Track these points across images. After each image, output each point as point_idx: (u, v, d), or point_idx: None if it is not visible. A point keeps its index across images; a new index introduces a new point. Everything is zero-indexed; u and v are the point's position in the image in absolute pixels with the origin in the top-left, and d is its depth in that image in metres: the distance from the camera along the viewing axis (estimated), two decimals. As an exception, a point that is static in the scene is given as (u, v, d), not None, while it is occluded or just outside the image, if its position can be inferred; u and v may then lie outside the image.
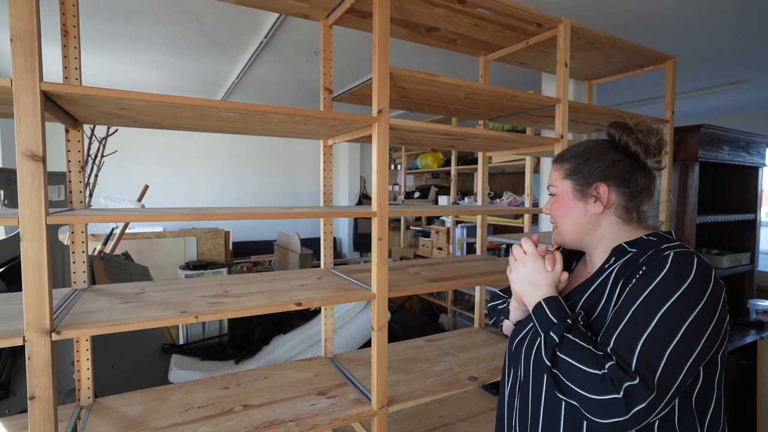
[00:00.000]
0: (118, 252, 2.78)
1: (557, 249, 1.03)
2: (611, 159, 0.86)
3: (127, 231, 3.27)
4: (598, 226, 0.87)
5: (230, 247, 4.43)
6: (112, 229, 2.59)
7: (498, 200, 3.82)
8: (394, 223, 5.62)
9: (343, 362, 1.57)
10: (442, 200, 4.61)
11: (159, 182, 5.26)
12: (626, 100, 4.33)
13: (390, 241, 5.55)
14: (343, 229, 6.39)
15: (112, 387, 1.81)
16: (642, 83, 3.49)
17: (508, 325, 1.03)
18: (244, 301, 1.12)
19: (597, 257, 0.89)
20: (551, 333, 0.76)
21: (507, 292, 1.09)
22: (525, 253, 0.88)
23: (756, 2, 2.13)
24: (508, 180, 4.74)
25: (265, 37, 2.67)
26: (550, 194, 0.96)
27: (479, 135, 1.43)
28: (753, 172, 2.65)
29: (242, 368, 2.39)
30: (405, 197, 5.06)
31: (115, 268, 2.31)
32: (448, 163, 4.68)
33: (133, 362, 2.21)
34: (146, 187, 2.90)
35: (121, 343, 2.12)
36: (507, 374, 0.96)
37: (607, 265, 0.85)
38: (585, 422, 0.76)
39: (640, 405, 0.65)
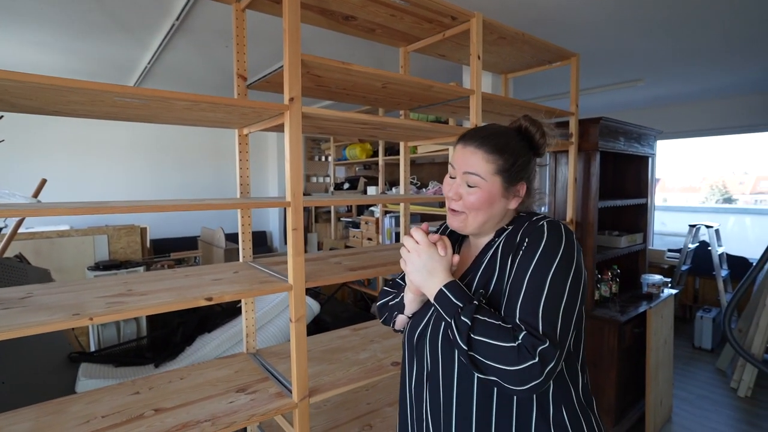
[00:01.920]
0: (9, 254, 2.48)
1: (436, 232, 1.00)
2: (528, 157, 0.91)
3: (22, 230, 2.92)
4: (503, 217, 0.92)
5: (148, 244, 4.14)
6: (0, 229, 2.29)
7: (425, 189, 3.93)
8: (325, 215, 5.57)
9: (267, 357, 1.54)
10: (371, 191, 4.64)
11: (66, 177, 4.74)
12: (543, 94, 4.62)
13: (321, 233, 5.50)
14: (274, 222, 6.22)
15: (3, 407, 1.62)
16: (556, 78, 3.73)
17: (401, 320, 1.00)
18: (150, 299, 1.05)
19: (482, 239, 0.94)
20: (462, 317, 0.77)
21: (395, 287, 1.07)
22: (417, 242, 0.87)
23: (649, 8, 2.36)
24: (435, 170, 4.88)
25: (177, 19, 2.49)
26: (470, 185, 0.88)
27: (396, 125, 1.46)
28: (644, 162, 2.96)
29: (163, 371, 2.25)
30: (335, 188, 5.02)
31: (4, 271, 2.05)
32: (376, 154, 4.71)
33: (31, 376, 1.98)
34: (43, 182, 2.60)
35: (13, 356, 1.89)
36: (409, 368, 0.95)
37: (492, 243, 0.91)
38: (495, 396, 0.81)
39: (551, 363, 0.71)
